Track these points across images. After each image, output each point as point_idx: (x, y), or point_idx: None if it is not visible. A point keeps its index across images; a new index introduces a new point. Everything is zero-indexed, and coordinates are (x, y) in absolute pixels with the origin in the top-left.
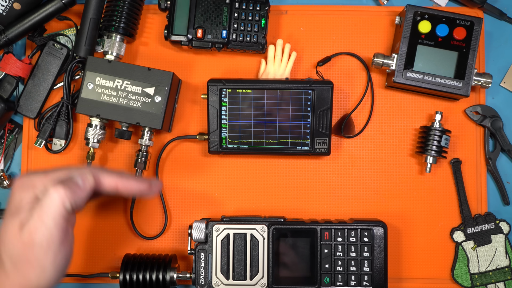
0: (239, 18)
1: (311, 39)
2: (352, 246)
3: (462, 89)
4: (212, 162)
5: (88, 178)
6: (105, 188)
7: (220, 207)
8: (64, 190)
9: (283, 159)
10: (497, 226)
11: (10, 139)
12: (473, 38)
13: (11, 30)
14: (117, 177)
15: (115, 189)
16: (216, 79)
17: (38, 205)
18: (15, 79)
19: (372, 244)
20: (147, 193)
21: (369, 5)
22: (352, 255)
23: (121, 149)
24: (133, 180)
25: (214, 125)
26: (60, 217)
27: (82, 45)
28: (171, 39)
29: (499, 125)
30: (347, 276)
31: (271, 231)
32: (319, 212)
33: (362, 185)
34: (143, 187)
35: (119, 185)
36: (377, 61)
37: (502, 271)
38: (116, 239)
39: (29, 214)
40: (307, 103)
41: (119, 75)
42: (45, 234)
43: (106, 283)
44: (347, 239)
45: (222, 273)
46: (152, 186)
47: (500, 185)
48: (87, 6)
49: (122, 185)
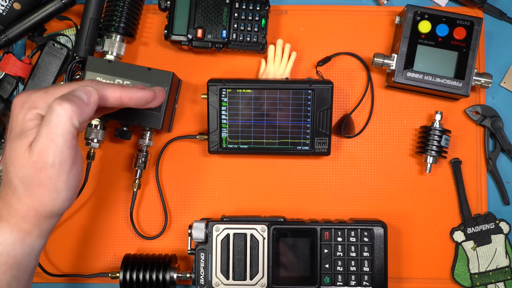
0: (239, 18)
1: (311, 39)
2: (352, 246)
3: (462, 89)
4: (212, 162)
5: (92, 92)
6: (109, 101)
7: (220, 207)
8: (71, 105)
9: (283, 159)
10: (497, 226)
11: None
12: (473, 38)
13: (11, 30)
14: (121, 88)
15: (120, 100)
16: (216, 79)
17: (45, 123)
18: (15, 79)
19: (372, 244)
20: (152, 101)
21: (369, 5)
22: (352, 255)
23: (121, 149)
24: (137, 89)
25: (214, 125)
26: (69, 135)
27: (82, 45)
28: (171, 39)
29: (499, 125)
30: (347, 276)
31: (271, 231)
32: (319, 212)
33: (362, 185)
34: (147, 95)
35: (123, 96)
36: (377, 61)
37: (502, 271)
38: (116, 239)
39: (36, 134)
40: (307, 103)
41: (119, 75)
42: (57, 153)
43: (106, 283)
44: (347, 239)
45: (222, 273)
46: (157, 94)
47: (500, 185)
48: (87, 6)
49: (126, 96)
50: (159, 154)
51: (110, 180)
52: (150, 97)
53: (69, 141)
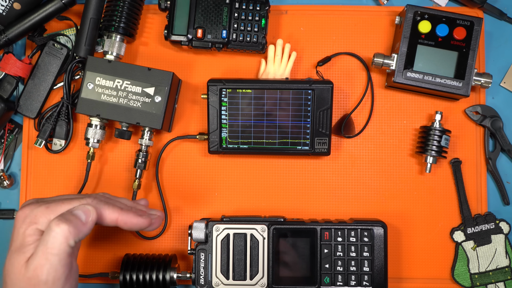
0: (239, 18)
1: (311, 39)
2: (352, 246)
3: (462, 89)
4: (212, 162)
5: (91, 213)
6: (105, 221)
7: (220, 207)
8: (68, 226)
9: (283, 159)
10: (497, 226)
11: (10, 139)
12: (473, 38)
13: (11, 30)
14: (119, 211)
15: (115, 223)
16: (216, 79)
17: (43, 242)
18: (15, 79)
19: (372, 244)
20: (148, 228)
21: (369, 5)
22: (352, 255)
23: (121, 149)
24: (134, 215)
25: (214, 125)
26: (64, 254)
27: (82, 45)
28: (171, 39)
29: (499, 125)
30: (347, 276)
31: (271, 231)
32: (319, 212)
33: (362, 185)
34: (142, 223)
35: (119, 220)
36: (377, 61)
37: (502, 271)
38: (116, 239)
39: (33, 251)
40: (307, 103)
41: (119, 75)
42: (50, 271)
43: (106, 283)
44: (347, 239)
45: (222, 273)
46: (153, 221)
47: (500, 185)
48: (87, 6)
49: (122, 220)
50: (159, 154)
51: (110, 180)
52: (145, 224)
53: (64, 260)
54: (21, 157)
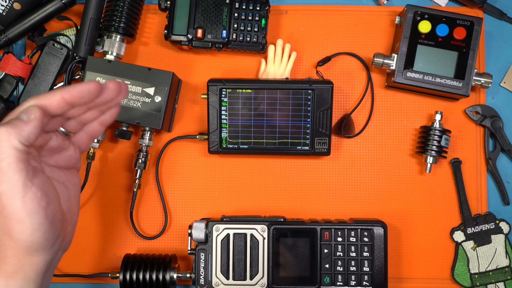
0: (239, 18)
1: (311, 39)
2: (352, 246)
3: (462, 89)
4: (212, 162)
5: (31, 109)
6: (53, 107)
7: (220, 207)
8: (6, 129)
9: (283, 159)
10: (497, 226)
11: None
12: (473, 38)
13: (11, 30)
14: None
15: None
16: (216, 79)
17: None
18: (15, 79)
19: (372, 244)
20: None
21: (369, 5)
22: (352, 255)
23: (121, 149)
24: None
25: (214, 125)
26: (12, 157)
27: (82, 45)
28: (171, 39)
29: (499, 125)
30: (347, 276)
31: (271, 231)
32: (319, 212)
33: (362, 185)
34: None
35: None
36: (377, 61)
37: (502, 271)
38: (116, 239)
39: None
40: (307, 103)
41: (119, 75)
42: (3, 179)
43: (106, 283)
44: (347, 239)
45: (222, 273)
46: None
47: (500, 185)
48: (87, 6)
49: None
50: (159, 154)
51: (110, 180)
52: (93, 88)
53: (14, 164)
54: None
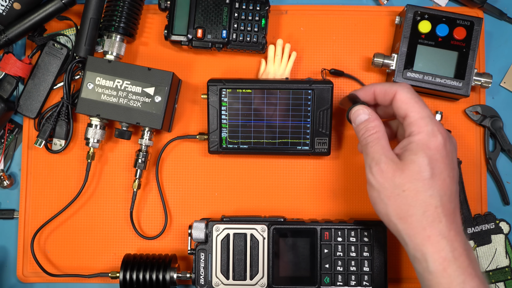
0: (239, 18)
1: (311, 39)
2: (352, 246)
3: (462, 89)
4: (212, 162)
5: None
6: None
7: (220, 207)
8: None
9: (283, 159)
10: (497, 226)
11: (10, 139)
12: (473, 38)
13: (11, 30)
14: None
15: None
16: (216, 79)
17: None
18: (15, 79)
19: (372, 244)
20: None
21: (369, 5)
22: (352, 255)
23: (121, 149)
24: None
25: (214, 125)
26: None
27: (82, 45)
28: (171, 39)
29: (499, 125)
30: (347, 276)
31: (271, 231)
32: (319, 212)
33: (362, 185)
34: None
35: None
36: (377, 61)
37: (502, 271)
38: (116, 239)
39: None
40: (307, 103)
41: (119, 75)
42: None
43: (106, 283)
44: (347, 239)
45: (222, 273)
46: None
47: (500, 185)
48: (87, 6)
49: None
50: (159, 154)
51: (110, 180)
52: None
53: None
54: (21, 157)
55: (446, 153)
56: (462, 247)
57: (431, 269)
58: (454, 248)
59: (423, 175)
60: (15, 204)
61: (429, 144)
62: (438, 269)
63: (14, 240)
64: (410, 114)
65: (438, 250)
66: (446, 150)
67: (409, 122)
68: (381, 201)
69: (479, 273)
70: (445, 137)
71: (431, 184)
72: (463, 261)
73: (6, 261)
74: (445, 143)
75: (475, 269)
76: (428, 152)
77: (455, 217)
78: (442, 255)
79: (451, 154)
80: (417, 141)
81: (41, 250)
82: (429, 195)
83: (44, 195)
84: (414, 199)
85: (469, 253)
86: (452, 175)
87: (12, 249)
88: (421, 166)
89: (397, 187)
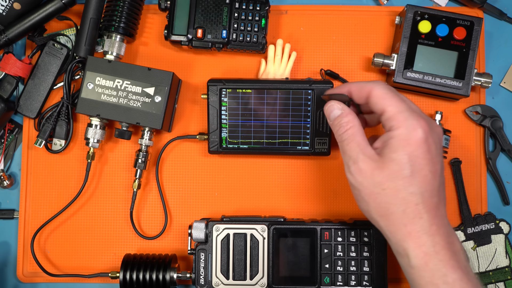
0: (239, 18)
1: (311, 39)
2: (352, 246)
3: (462, 89)
4: (212, 162)
5: None
6: None
7: (220, 207)
8: None
9: (283, 159)
10: (497, 226)
11: (10, 139)
12: (473, 38)
13: (11, 30)
14: None
15: None
16: (216, 79)
17: None
18: (15, 79)
19: (372, 244)
20: None
21: (369, 5)
22: (352, 255)
23: (121, 149)
24: None
25: (214, 125)
26: None
27: (82, 45)
28: (171, 39)
29: (499, 125)
30: (347, 276)
31: (271, 231)
32: (319, 212)
33: None
34: None
35: None
36: (377, 61)
37: (502, 271)
38: (116, 239)
39: None
40: (307, 103)
41: (119, 75)
42: None
43: (106, 283)
44: (347, 239)
45: (222, 273)
46: None
47: (500, 185)
48: (87, 6)
49: None
50: (159, 154)
51: (110, 180)
52: None
53: None
54: (21, 157)
55: (427, 148)
56: (445, 240)
57: (413, 264)
58: (435, 243)
59: (402, 173)
60: (15, 204)
61: (409, 140)
62: (419, 263)
63: (14, 240)
64: (388, 109)
65: (419, 245)
66: (428, 144)
67: (387, 117)
68: (362, 199)
69: (462, 265)
70: (426, 130)
71: (411, 182)
72: (444, 255)
73: (6, 261)
74: (426, 138)
75: (458, 261)
76: (407, 149)
77: (438, 210)
78: (423, 250)
79: (434, 147)
80: (396, 136)
81: (41, 250)
82: (409, 193)
83: (44, 195)
84: (394, 197)
85: (452, 245)
86: (434, 170)
87: (12, 249)
88: (400, 164)
89: (376, 185)
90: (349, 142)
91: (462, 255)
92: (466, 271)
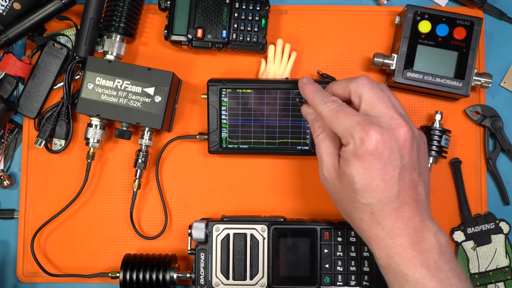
0: (239, 18)
1: (311, 39)
2: (352, 246)
3: (462, 89)
4: (212, 162)
5: None
6: None
7: (220, 207)
8: None
9: (283, 159)
10: (497, 226)
11: (10, 139)
12: (473, 38)
13: (11, 30)
14: None
15: None
16: (216, 79)
17: None
18: (15, 79)
19: None
20: None
21: (369, 5)
22: (352, 255)
23: (121, 149)
24: None
25: (214, 125)
26: None
27: (82, 45)
28: (171, 39)
29: (499, 125)
30: (347, 276)
31: (271, 231)
32: (319, 212)
33: None
34: None
35: None
36: (377, 61)
37: (502, 271)
38: (116, 239)
39: None
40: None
41: (119, 75)
42: None
43: (106, 283)
44: (347, 239)
45: (222, 273)
46: None
47: (500, 185)
48: (87, 6)
49: None
50: (159, 154)
51: (110, 180)
52: None
53: None
54: (21, 157)
55: (377, 157)
56: (410, 240)
57: (380, 264)
58: (397, 244)
59: (353, 186)
60: (15, 204)
61: (356, 155)
62: (384, 263)
63: (14, 240)
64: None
65: (381, 248)
66: (378, 153)
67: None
68: (333, 201)
69: (427, 262)
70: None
71: (362, 194)
72: (406, 255)
73: (6, 261)
74: (375, 148)
75: (422, 259)
76: (355, 162)
77: (400, 213)
78: (385, 251)
79: (387, 153)
80: (346, 151)
81: (41, 250)
82: (363, 204)
83: (44, 195)
84: (351, 206)
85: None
86: (389, 177)
87: (12, 249)
88: (350, 178)
89: (337, 193)
90: (319, 147)
91: (431, 253)
92: (430, 268)
